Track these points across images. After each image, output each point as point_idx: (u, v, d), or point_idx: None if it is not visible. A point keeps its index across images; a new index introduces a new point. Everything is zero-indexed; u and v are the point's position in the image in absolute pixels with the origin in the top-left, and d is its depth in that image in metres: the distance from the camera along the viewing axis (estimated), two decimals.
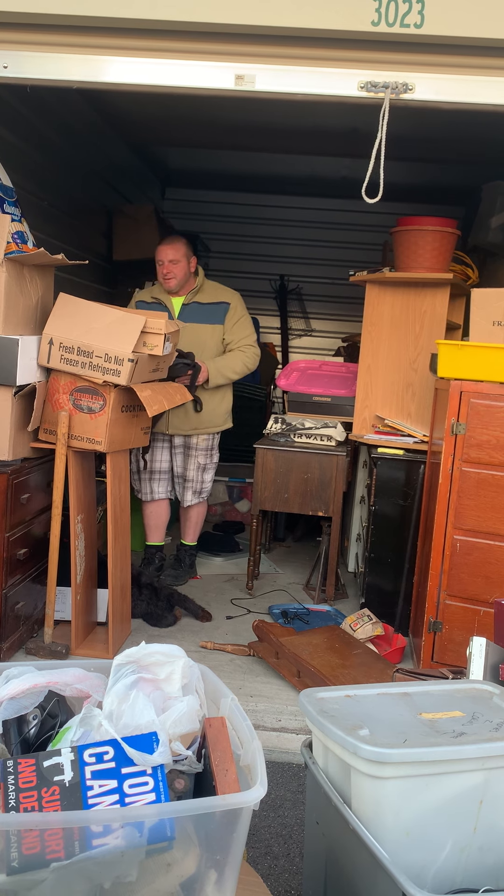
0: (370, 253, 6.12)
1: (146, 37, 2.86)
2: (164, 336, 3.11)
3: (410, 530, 3.64)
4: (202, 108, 4.16)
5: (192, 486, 4.17)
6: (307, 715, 1.61)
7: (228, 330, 4.05)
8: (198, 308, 4.03)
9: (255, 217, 6.91)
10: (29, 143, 3.96)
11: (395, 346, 3.97)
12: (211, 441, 4.15)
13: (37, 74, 2.95)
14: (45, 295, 3.22)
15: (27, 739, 1.47)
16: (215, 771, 1.36)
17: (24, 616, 3.21)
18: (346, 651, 3.21)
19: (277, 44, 2.83)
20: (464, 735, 1.51)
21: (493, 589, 2.98)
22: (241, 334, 4.07)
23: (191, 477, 4.16)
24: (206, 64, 2.90)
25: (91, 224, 5.26)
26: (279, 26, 2.75)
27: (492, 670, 2.19)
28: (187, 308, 4.02)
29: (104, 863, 1.24)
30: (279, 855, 2.30)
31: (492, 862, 1.52)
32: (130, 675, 1.48)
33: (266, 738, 2.81)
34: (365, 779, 1.44)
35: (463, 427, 2.98)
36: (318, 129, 4.49)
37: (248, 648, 3.39)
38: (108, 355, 2.99)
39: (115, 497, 3.24)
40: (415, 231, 3.86)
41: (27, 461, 3.13)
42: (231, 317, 4.05)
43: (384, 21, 2.69)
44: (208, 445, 4.15)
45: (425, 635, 3.13)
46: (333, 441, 4.09)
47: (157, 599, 3.70)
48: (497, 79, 2.82)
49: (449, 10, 2.67)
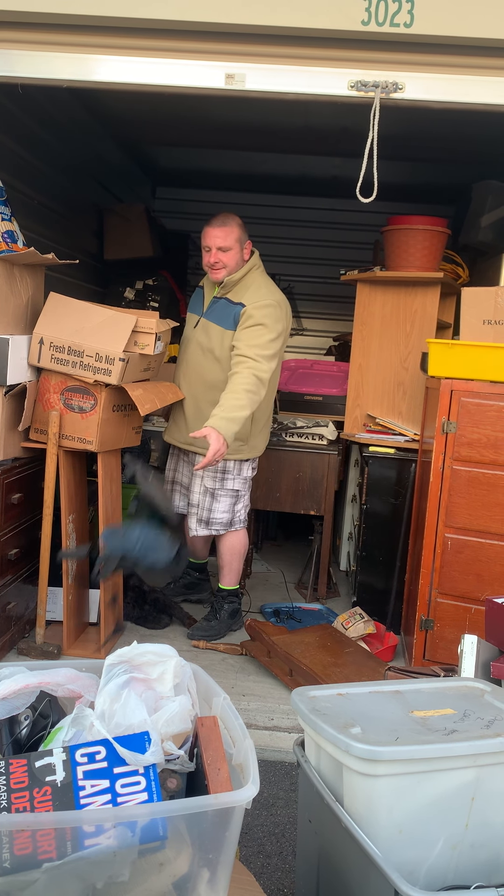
0: (361, 252, 6.13)
1: (137, 36, 2.86)
2: (156, 335, 3.11)
3: (402, 529, 3.65)
4: (193, 107, 4.15)
5: (196, 512, 3.45)
6: (299, 713, 1.61)
7: (236, 337, 3.27)
8: (224, 306, 3.35)
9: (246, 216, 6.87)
10: (19, 141, 3.95)
11: (386, 345, 3.98)
12: (224, 463, 3.39)
13: (27, 73, 2.94)
14: (35, 294, 3.21)
15: (19, 740, 1.47)
16: (207, 770, 1.36)
17: (15, 616, 3.20)
18: (338, 649, 3.21)
19: (268, 43, 2.83)
20: (455, 732, 1.52)
21: (484, 587, 2.99)
22: (245, 341, 3.21)
23: (195, 501, 3.45)
24: (196, 63, 2.89)
25: (82, 223, 5.25)
26: (269, 25, 2.75)
27: (483, 668, 2.20)
28: (216, 304, 3.39)
29: (96, 863, 1.24)
30: (272, 853, 2.30)
31: (483, 858, 1.53)
32: (122, 675, 1.48)
33: (258, 737, 2.82)
34: (357, 777, 1.44)
35: (454, 425, 2.99)
36: (308, 129, 4.49)
37: (241, 647, 3.39)
38: (98, 355, 2.98)
39: (107, 497, 3.23)
40: (405, 230, 3.87)
41: (18, 461, 3.12)
42: (242, 322, 3.27)
43: (374, 20, 2.69)
44: (218, 468, 3.39)
45: (417, 633, 3.14)
46: (325, 440, 4.09)
47: (143, 603, 3.68)
48: (487, 78, 2.83)
49: (439, 9, 2.68)
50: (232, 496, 3.46)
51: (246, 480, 3.51)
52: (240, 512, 3.50)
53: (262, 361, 3.18)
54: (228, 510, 3.46)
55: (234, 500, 3.47)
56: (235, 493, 3.46)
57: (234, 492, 3.46)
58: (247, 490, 3.54)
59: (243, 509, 3.52)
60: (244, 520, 3.56)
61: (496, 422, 2.94)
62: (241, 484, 3.48)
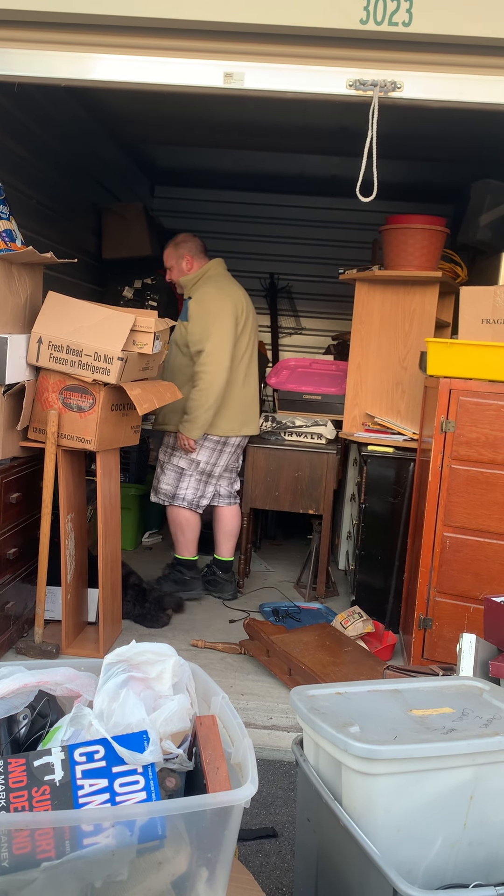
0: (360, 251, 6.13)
1: (135, 34, 2.85)
2: (154, 334, 3.10)
3: (400, 528, 3.65)
4: (191, 106, 4.15)
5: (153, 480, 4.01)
6: (298, 712, 1.61)
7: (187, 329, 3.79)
8: (185, 303, 3.90)
9: (245, 215, 6.90)
10: (17, 140, 3.94)
11: (385, 344, 3.98)
12: (172, 439, 3.89)
13: (25, 72, 2.94)
14: (34, 293, 3.20)
15: (17, 739, 1.47)
16: (206, 769, 1.36)
17: (14, 616, 3.20)
18: (336, 648, 3.21)
19: (266, 42, 2.83)
20: (454, 731, 1.52)
21: (482, 586, 2.99)
22: (192, 336, 3.74)
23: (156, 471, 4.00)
24: (195, 62, 2.89)
25: (80, 222, 5.25)
26: (268, 24, 2.75)
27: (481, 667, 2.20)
28: (185, 304, 3.90)
29: (95, 862, 1.24)
30: (270, 852, 2.30)
31: (482, 857, 1.53)
32: (121, 674, 1.48)
33: (257, 736, 2.82)
34: (355, 775, 1.44)
35: (452, 425, 2.99)
36: (307, 127, 4.49)
37: (240, 647, 3.39)
38: (97, 354, 2.98)
39: (105, 496, 3.23)
40: (404, 229, 3.87)
41: (16, 460, 3.12)
42: (189, 314, 3.79)
43: (372, 19, 2.69)
44: (168, 442, 3.91)
45: (415, 632, 3.14)
46: (324, 439, 4.09)
47: (144, 601, 3.68)
48: (485, 77, 2.83)
49: (437, 8, 2.68)
50: (176, 472, 3.87)
51: (192, 462, 3.85)
52: (184, 491, 3.88)
53: (202, 356, 3.70)
54: (172, 484, 3.88)
55: (179, 476, 3.87)
56: (180, 471, 3.87)
57: (178, 468, 3.87)
58: (195, 472, 3.87)
59: (190, 490, 3.88)
60: (190, 501, 3.89)
61: (495, 421, 2.94)
62: (188, 464, 3.85)
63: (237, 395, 3.87)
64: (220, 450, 3.89)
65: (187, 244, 3.92)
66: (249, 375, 3.93)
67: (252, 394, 3.96)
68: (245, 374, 3.90)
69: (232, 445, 3.92)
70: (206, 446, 3.85)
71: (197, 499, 3.90)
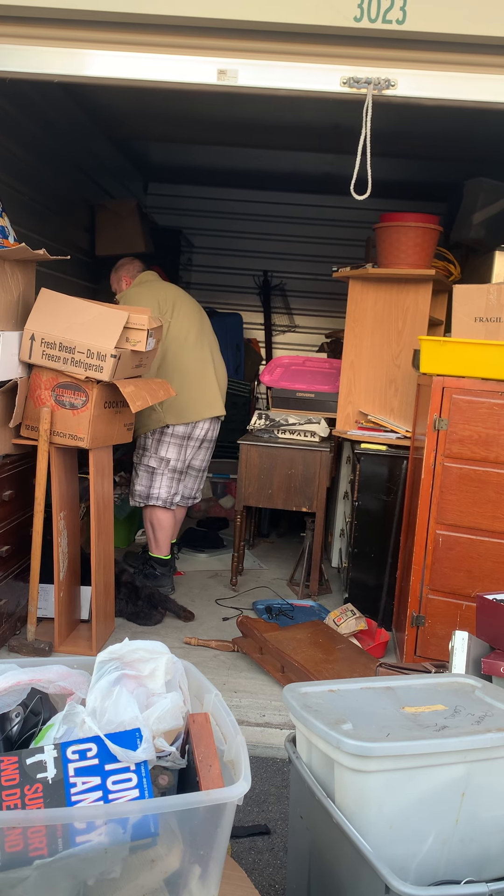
0: (353, 249, 6.13)
1: (128, 30, 2.85)
2: (147, 332, 3.10)
3: (393, 525, 3.66)
4: (185, 102, 4.14)
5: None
6: (291, 710, 1.61)
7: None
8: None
9: (239, 212, 6.90)
10: (10, 136, 3.93)
11: (378, 342, 3.99)
12: (142, 440, 3.92)
13: (17, 67, 2.93)
14: (26, 290, 3.19)
15: (9, 737, 1.47)
16: (199, 766, 1.36)
17: (6, 613, 3.19)
18: (329, 646, 3.22)
19: (260, 39, 2.82)
20: (446, 728, 1.52)
21: (475, 583, 3.00)
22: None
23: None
24: (188, 58, 2.89)
25: (73, 219, 5.23)
26: (262, 21, 2.75)
27: (474, 664, 2.21)
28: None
29: (88, 860, 1.24)
30: (263, 849, 2.30)
31: (473, 853, 1.53)
32: (114, 672, 1.48)
33: (250, 734, 2.82)
34: (348, 773, 1.45)
35: (445, 423, 3.00)
36: (300, 125, 4.49)
37: (233, 644, 3.40)
38: (90, 351, 2.97)
39: (98, 494, 3.23)
40: (397, 227, 3.87)
41: (9, 458, 3.11)
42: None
43: (366, 17, 2.69)
44: (139, 444, 3.95)
45: (408, 630, 3.14)
46: (317, 437, 4.09)
47: (136, 598, 3.68)
48: (479, 75, 2.84)
49: (431, 6, 2.68)
50: (148, 472, 3.91)
51: (162, 461, 3.88)
52: (157, 490, 3.90)
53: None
54: (146, 485, 3.91)
55: (151, 476, 3.91)
56: (151, 470, 3.90)
57: (149, 468, 3.90)
58: (166, 470, 3.90)
59: (164, 489, 3.90)
60: (164, 499, 3.91)
61: (487, 419, 2.95)
62: (157, 462, 3.88)
63: (192, 378, 3.87)
64: (186, 444, 3.93)
65: (125, 267, 4.08)
66: (202, 360, 3.93)
67: (209, 375, 3.95)
68: (195, 357, 3.89)
69: (196, 439, 3.95)
70: (172, 443, 3.88)
71: (171, 496, 3.93)
